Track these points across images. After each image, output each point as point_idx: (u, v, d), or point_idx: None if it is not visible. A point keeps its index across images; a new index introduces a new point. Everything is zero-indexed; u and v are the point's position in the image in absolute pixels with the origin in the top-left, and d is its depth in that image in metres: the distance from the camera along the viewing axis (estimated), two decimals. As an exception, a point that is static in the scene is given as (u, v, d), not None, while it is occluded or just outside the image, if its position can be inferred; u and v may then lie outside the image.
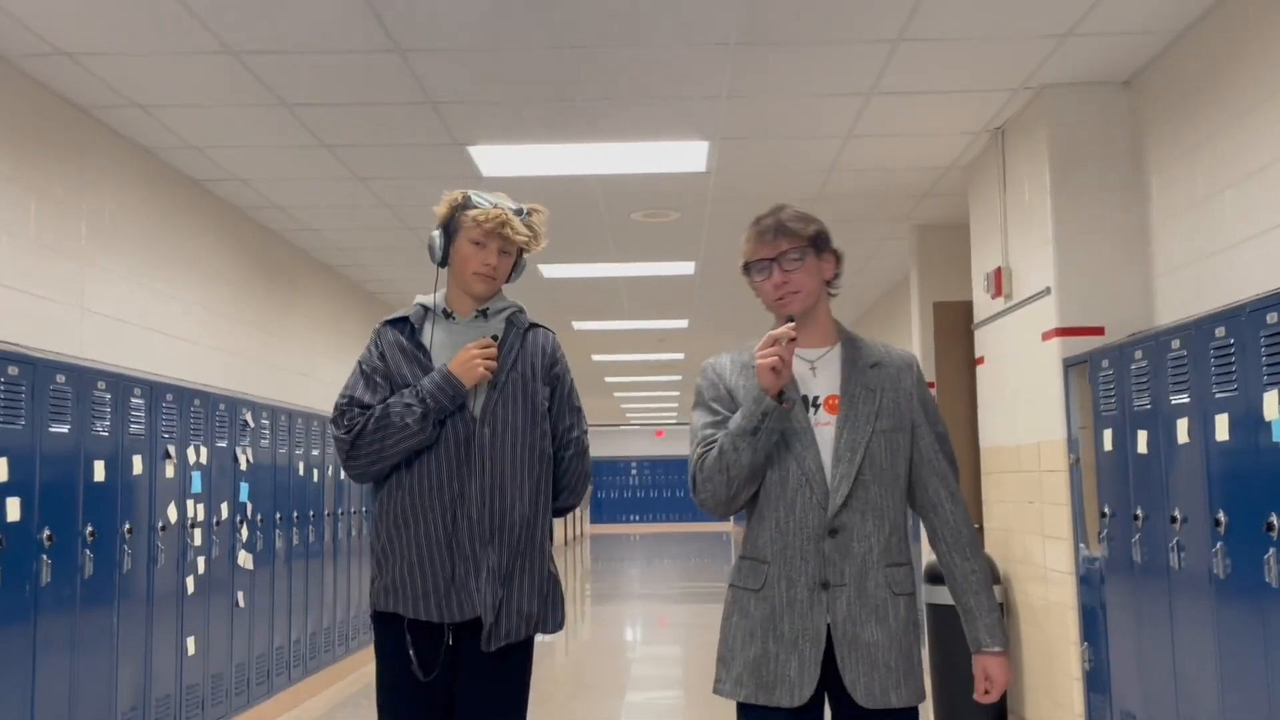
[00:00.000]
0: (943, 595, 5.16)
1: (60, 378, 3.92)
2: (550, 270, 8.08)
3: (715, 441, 2.26)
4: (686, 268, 8.17)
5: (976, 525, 6.13)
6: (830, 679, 2.21)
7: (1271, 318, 3.00)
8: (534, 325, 2.67)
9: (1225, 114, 3.82)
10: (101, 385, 4.21)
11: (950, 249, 6.71)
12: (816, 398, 2.30)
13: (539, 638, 2.57)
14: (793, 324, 2.24)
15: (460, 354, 2.51)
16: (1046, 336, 4.66)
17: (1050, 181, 4.62)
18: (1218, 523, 3.27)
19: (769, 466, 2.26)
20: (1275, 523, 2.97)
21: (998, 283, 5.15)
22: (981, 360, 5.57)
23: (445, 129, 4.99)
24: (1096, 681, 4.29)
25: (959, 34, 4.07)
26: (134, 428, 4.45)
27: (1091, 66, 4.41)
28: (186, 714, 4.86)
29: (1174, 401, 3.56)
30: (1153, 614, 3.77)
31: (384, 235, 6.97)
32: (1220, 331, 3.27)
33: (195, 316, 5.67)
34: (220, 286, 6.00)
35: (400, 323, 2.61)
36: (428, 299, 2.65)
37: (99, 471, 4.16)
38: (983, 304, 5.47)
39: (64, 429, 3.93)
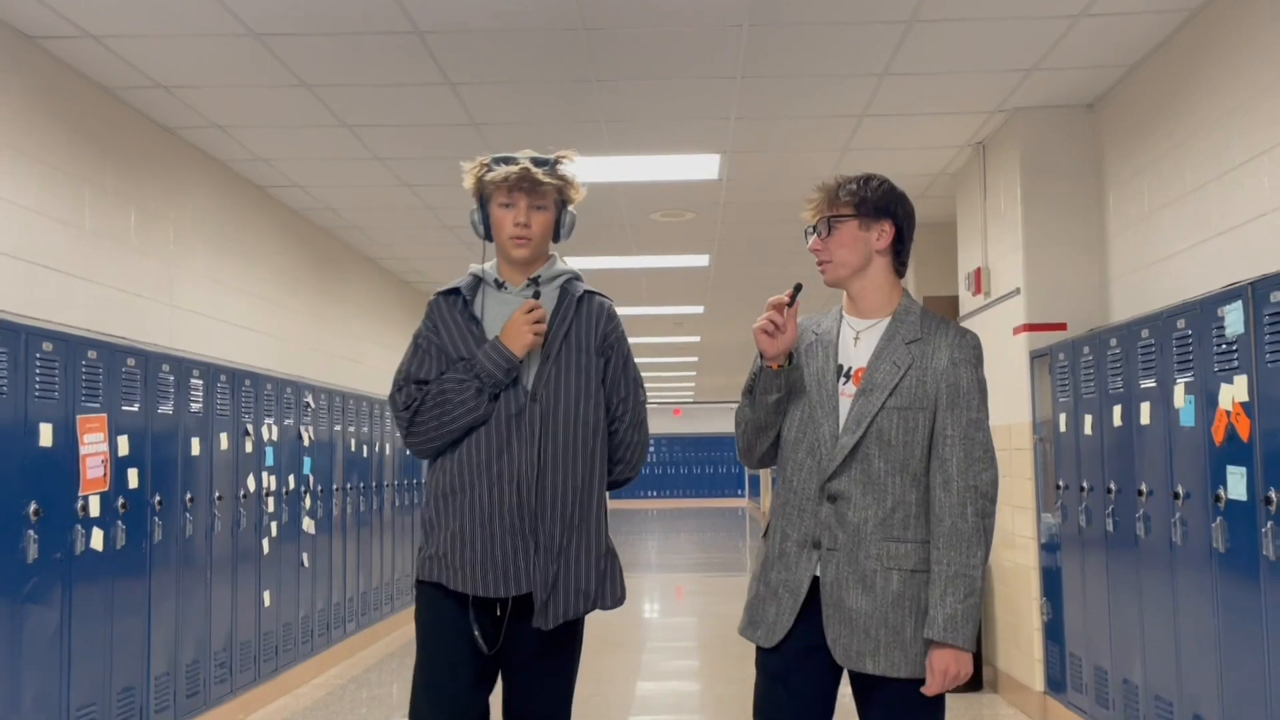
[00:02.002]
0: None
1: (165, 367, 4.61)
2: (575, 262, 8.63)
3: None
4: (701, 260, 8.79)
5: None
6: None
7: (1180, 323, 3.62)
8: (589, 293, 2.58)
9: (1168, 141, 4.41)
10: (196, 373, 4.89)
11: (942, 246, 7.30)
12: (850, 368, 2.30)
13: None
14: (792, 290, 2.26)
15: (509, 325, 2.44)
16: (1017, 331, 5.28)
17: (1021, 193, 5.22)
18: (1139, 492, 3.91)
19: (792, 428, 2.32)
20: (1180, 492, 3.60)
21: (977, 281, 5.77)
22: (965, 349, 6.18)
23: (485, 145, 5.62)
24: (1054, 631, 4.94)
25: (936, 69, 4.67)
26: (220, 409, 5.13)
27: (1059, 92, 4.99)
28: (263, 658, 5.57)
29: (1111, 391, 4.19)
30: (1095, 572, 4.41)
31: (423, 231, 7.63)
32: (1145, 333, 3.90)
33: (260, 308, 6.35)
34: (280, 280, 6.68)
35: (453, 294, 2.54)
36: (479, 268, 2.59)
37: (195, 447, 4.85)
38: (966, 300, 6.09)
39: (169, 409, 4.62)
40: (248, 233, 6.21)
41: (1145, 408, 3.88)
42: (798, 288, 2.27)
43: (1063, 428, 4.73)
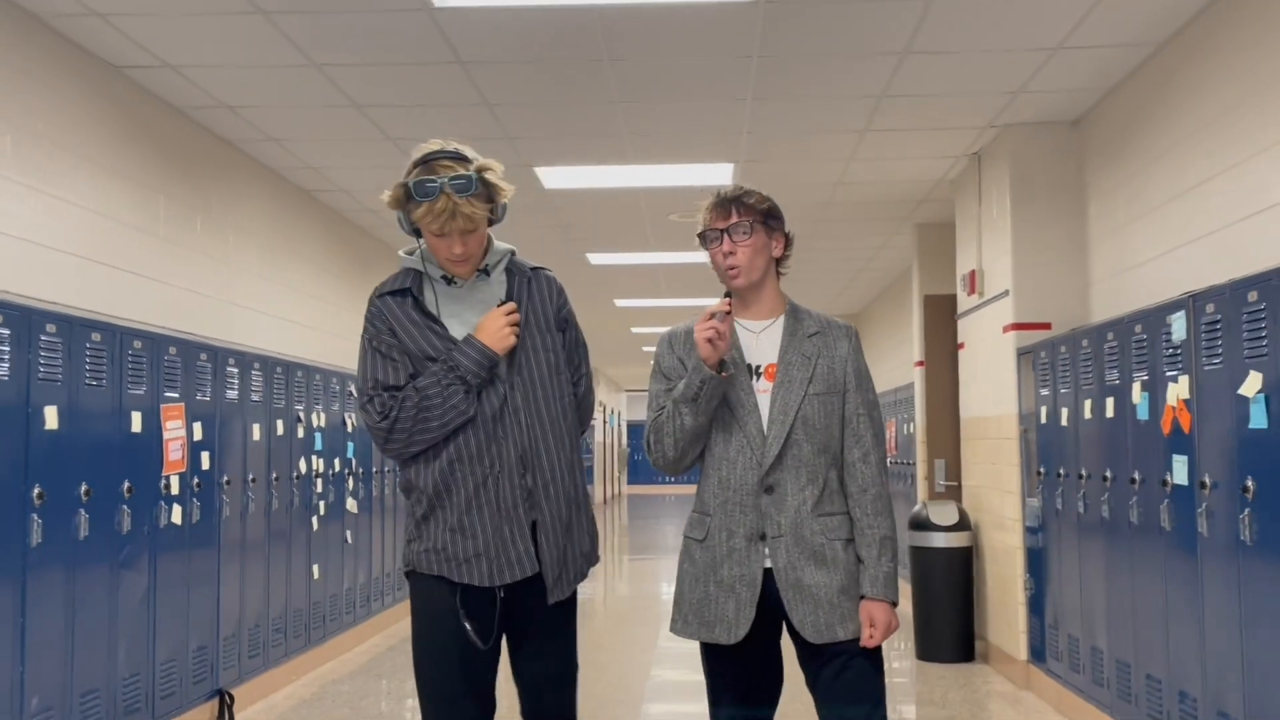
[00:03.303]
0: (921, 539, 6.28)
1: (231, 360, 5.12)
2: (597, 258, 9.22)
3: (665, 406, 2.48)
4: (717, 256, 9.25)
5: (955, 483, 7.24)
6: (787, 621, 2.43)
7: (1138, 328, 4.07)
8: (534, 269, 2.60)
9: (1140, 159, 4.84)
10: (256, 365, 5.41)
11: (947, 245, 7.73)
12: (759, 366, 2.47)
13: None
14: (728, 299, 2.41)
15: (488, 324, 2.44)
16: (1006, 330, 5.73)
17: (1011, 202, 5.66)
18: (1105, 478, 4.37)
19: (715, 429, 2.45)
20: (1137, 477, 4.06)
21: (971, 282, 6.21)
22: (962, 345, 6.64)
23: (516, 155, 6.11)
24: (1036, 605, 5.40)
25: (929, 92, 5.11)
26: (276, 398, 5.65)
27: (1044, 110, 5.43)
28: (313, 625, 6.10)
29: (1083, 386, 4.64)
30: (1069, 551, 4.87)
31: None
32: (1110, 335, 4.35)
33: (307, 303, 6.86)
34: (324, 277, 7.19)
35: (400, 294, 2.51)
36: (414, 261, 2.53)
37: (255, 432, 5.37)
38: (962, 299, 6.53)
39: (234, 398, 5.13)
40: (296, 234, 6.72)
41: (1110, 402, 4.33)
42: (729, 295, 2.45)
43: (1043, 419, 5.18)
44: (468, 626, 2.41)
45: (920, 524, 6.32)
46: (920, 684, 5.80)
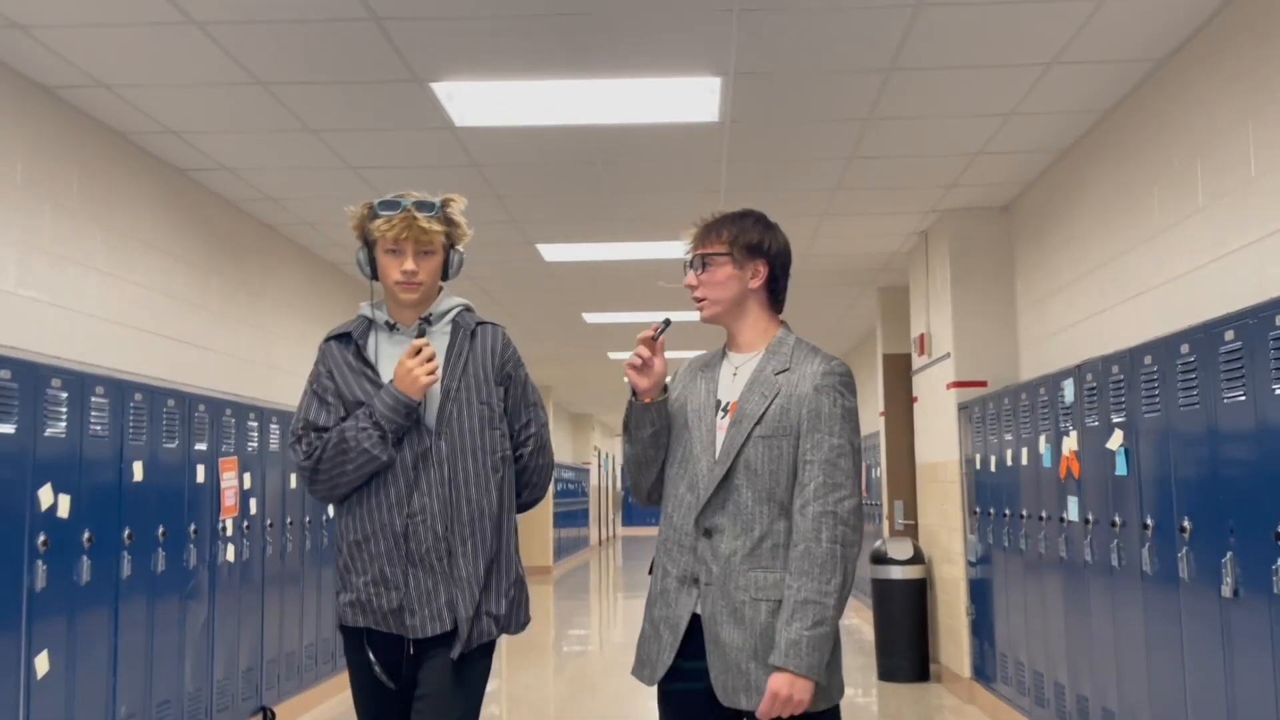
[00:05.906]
0: (882, 572, 7.03)
1: (274, 419, 5.90)
2: (592, 317, 10.04)
3: None
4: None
5: (912, 521, 8.02)
6: None
7: (1041, 391, 4.88)
8: (481, 323, 2.57)
9: (1053, 242, 5.68)
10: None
11: (906, 308, 8.57)
12: (726, 402, 2.29)
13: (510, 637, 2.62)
14: (657, 325, 2.30)
15: (398, 369, 2.40)
16: (949, 386, 6.53)
17: (951, 275, 6.49)
18: (1021, 516, 5.15)
19: (675, 464, 2.32)
20: (1044, 515, 4.84)
21: (921, 344, 7.03)
22: (916, 399, 7.45)
23: (521, 236, 6.93)
24: (977, 629, 6.16)
25: (875, 185, 5.96)
26: (309, 450, 6.41)
27: (977, 198, 6.28)
28: (338, 653, 6.83)
29: (1005, 439, 5.44)
30: (1000, 580, 5.64)
31: (466, 295, 8.92)
32: (1023, 396, 5.15)
33: (331, 365, 7.65)
34: (346, 341, 7.98)
35: (345, 338, 2.52)
36: (367, 308, 2.56)
37: (292, 481, 6.13)
38: (915, 358, 7.35)
39: (275, 449, 5.91)
40: (326, 303, 7.53)
41: (1024, 452, 5.12)
42: (665, 323, 2.35)
43: (979, 465, 5.98)
44: (373, 663, 2.40)
45: (880, 558, 7.07)
46: (880, 702, 6.53)
